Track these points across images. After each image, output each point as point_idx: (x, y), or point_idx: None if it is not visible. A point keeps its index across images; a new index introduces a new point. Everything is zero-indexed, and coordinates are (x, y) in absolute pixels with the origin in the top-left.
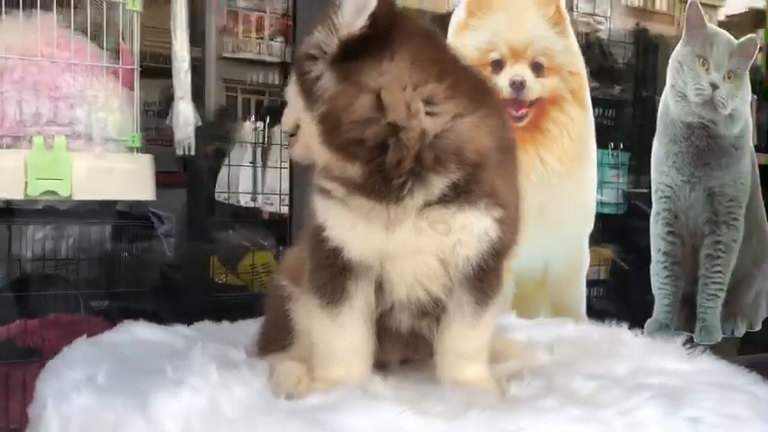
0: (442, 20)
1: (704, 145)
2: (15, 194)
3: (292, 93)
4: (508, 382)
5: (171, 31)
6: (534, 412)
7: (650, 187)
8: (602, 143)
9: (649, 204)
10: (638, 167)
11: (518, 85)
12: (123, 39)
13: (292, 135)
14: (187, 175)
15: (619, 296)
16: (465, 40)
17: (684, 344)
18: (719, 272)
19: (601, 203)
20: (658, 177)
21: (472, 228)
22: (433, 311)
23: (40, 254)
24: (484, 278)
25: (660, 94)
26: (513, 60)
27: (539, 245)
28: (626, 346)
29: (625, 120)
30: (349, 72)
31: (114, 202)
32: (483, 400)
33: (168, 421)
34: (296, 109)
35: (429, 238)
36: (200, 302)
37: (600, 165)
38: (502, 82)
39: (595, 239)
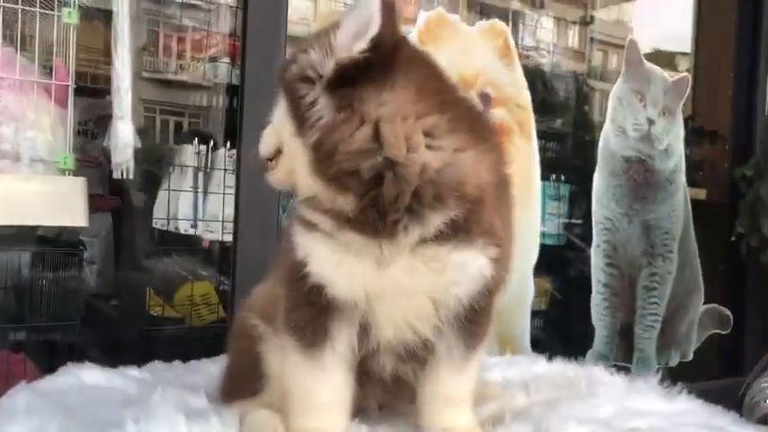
0: None
1: (642, 179)
2: None
3: (278, 115)
4: (493, 427)
5: (111, 48)
6: None
7: (587, 219)
8: (544, 175)
9: (586, 236)
10: (578, 199)
11: None
12: (56, 54)
13: (270, 159)
14: (115, 198)
15: (559, 327)
16: None
17: (660, 382)
18: (655, 303)
19: (543, 234)
20: (599, 210)
21: (468, 267)
22: (420, 354)
23: None
24: (474, 318)
25: (597, 129)
26: (463, 90)
27: None
28: (604, 386)
29: (566, 152)
30: (347, 99)
31: (35, 227)
32: None
33: None
34: (280, 132)
35: (423, 278)
36: (133, 337)
37: (542, 196)
38: None
39: (537, 270)
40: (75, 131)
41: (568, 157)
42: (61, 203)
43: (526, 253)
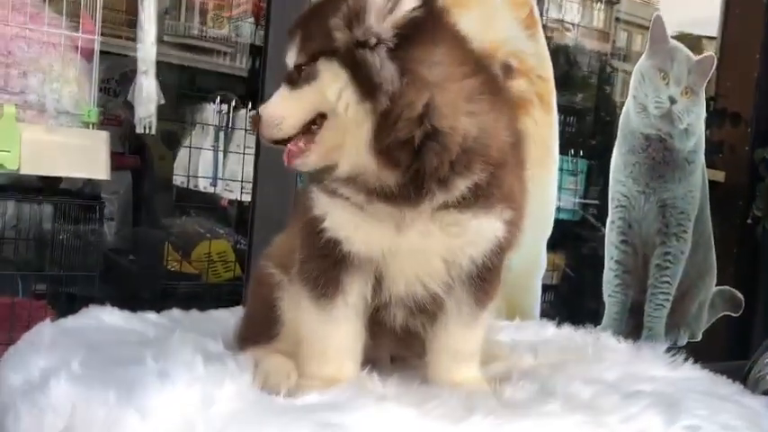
0: None
1: (660, 157)
2: None
3: (314, 86)
4: (500, 384)
5: (138, 2)
6: (538, 417)
7: (604, 197)
8: (561, 149)
9: (602, 214)
10: (595, 176)
11: None
12: (84, 6)
13: (287, 140)
14: (135, 156)
15: (570, 302)
16: None
17: (667, 351)
18: (667, 282)
19: (558, 209)
20: (615, 186)
21: (484, 231)
22: (430, 309)
23: None
24: (486, 277)
25: (618, 108)
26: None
27: None
28: (611, 352)
29: (585, 129)
30: (407, 62)
31: (58, 180)
32: (484, 403)
33: (166, 419)
34: (319, 104)
35: (438, 241)
36: (151, 291)
37: (559, 171)
38: None
39: (550, 245)
40: (98, 88)
41: (588, 133)
42: (84, 156)
43: (540, 226)
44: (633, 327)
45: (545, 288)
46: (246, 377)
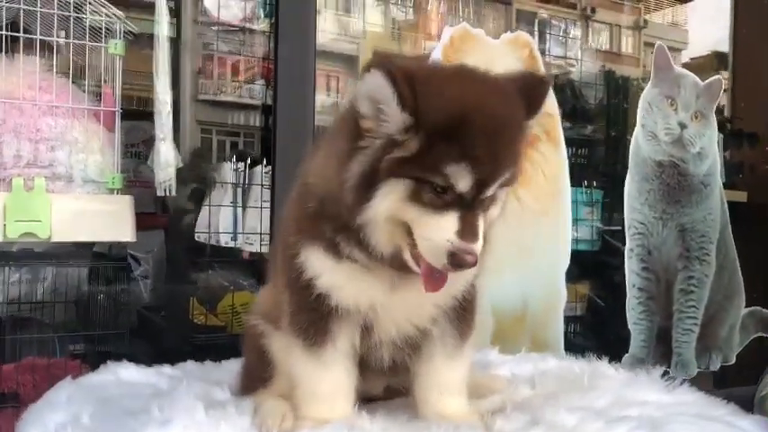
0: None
1: (675, 182)
2: None
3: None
4: (492, 416)
5: (153, 72)
6: None
7: (623, 224)
8: (575, 181)
9: (622, 241)
10: (612, 205)
11: None
12: (105, 81)
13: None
14: (167, 216)
15: (596, 332)
16: None
17: (663, 376)
18: (693, 306)
19: (576, 240)
20: (631, 214)
21: (467, 275)
22: (417, 342)
23: (14, 296)
24: (465, 308)
25: (630, 133)
26: None
27: (517, 281)
28: (606, 380)
29: (598, 158)
30: None
31: (91, 244)
32: None
33: None
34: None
35: (430, 294)
36: (180, 344)
37: (574, 203)
38: None
39: (571, 276)
40: (125, 153)
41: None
42: (111, 221)
43: (556, 259)
44: (662, 354)
45: (570, 319)
46: (245, 420)
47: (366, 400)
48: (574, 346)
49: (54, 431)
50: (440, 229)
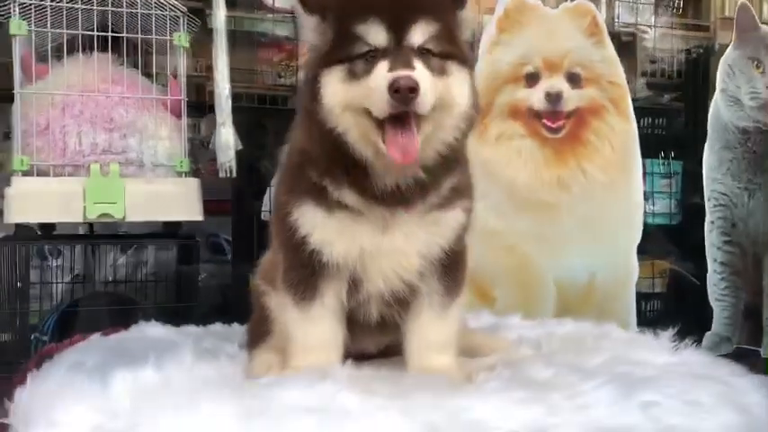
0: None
1: (762, 150)
2: (75, 217)
3: (451, 82)
4: (478, 373)
5: (213, 62)
6: (481, 394)
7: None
8: (652, 152)
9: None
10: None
11: (554, 97)
12: (172, 73)
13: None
14: (231, 199)
15: (676, 308)
16: (497, 56)
17: (672, 338)
18: None
19: (652, 214)
20: (712, 185)
21: (452, 222)
22: (405, 298)
23: (119, 276)
24: (452, 263)
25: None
26: (548, 73)
27: (583, 255)
28: (611, 341)
29: (676, 128)
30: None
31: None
32: (434, 383)
33: (121, 392)
34: (441, 97)
35: (418, 239)
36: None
37: (650, 174)
38: (537, 94)
39: (648, 251)
40: (200, 144)
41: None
42: (179, 201)
43: (625, 232)
44: (750, 331)
45: (648, 296)
46: (228, 368)
47: (362, 357)
48: (650, 323)
49: (62, 371)
50: (376, 75)
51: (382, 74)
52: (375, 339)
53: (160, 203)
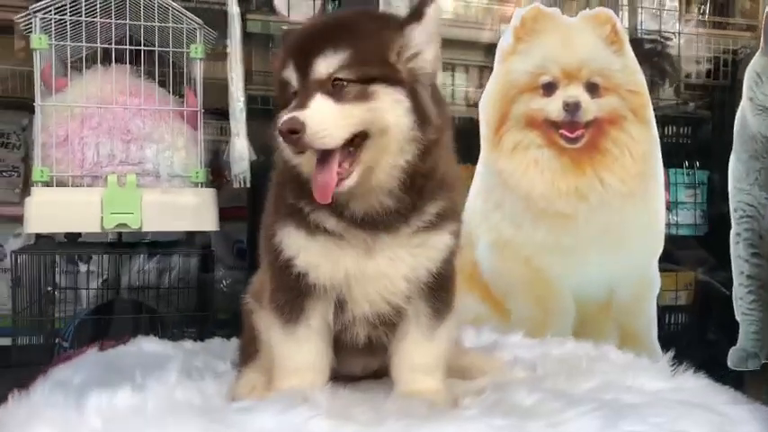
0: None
1: None
2: (93, 227)
3: (378, 107)
4: (465, 397)
5: (227, 74)
6: (457, 421)
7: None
8: (676, 162)
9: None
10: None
11: (572, 107)
12: (189, 84)
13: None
14: (246, 207)
15: (702, 322)
16: (513, 65)
17: (671, 363)
18: None
19: (676, 225)
20: (738, 195)
21: (439, 245)
22: (392, 320)
23: (138, 283)
24: (441, 286)
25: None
26: (566, 82)
27: (602, 268)
28: (606, 363)
29: (702, 136)
30: (438, 105)
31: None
32: (412, 409)
33: (92, 416)
34: (371, 123)
35: (403, 263)
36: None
37: (674, 185)
38: (554, 104)
39: (672, 262)
40: (213, 152)
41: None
42: (195, 212)
43: (646, 244)
44: None
45: (670, 310)
46: (212, 389)
47: (349, 379)
48: (673, 336)
49: (46, 389)
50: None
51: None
52: (362, 361)
53: (176, 214)
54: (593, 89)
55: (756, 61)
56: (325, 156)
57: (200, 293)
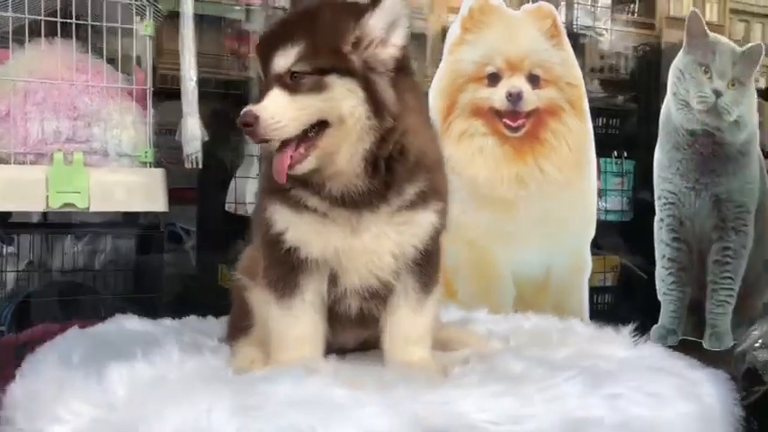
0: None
1: (709, 152)
2: (37, 206)
3: (332, 97)
4: (453, 366)
5: (179, 51)
6: (459, 387)
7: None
8: (605, 152)
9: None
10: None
11: (515, 97)
12: (137, 62)
13: (284, 144)
14: (197, 188)
15: (626, 302)
16: (461, 55)
17: (632, 333)
18: (729, 278)
19: (605, 211)
20: (661, 184)
21: (424, 223)
22: (382, 294)
23: (72, 265)
24: (427, 262)
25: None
26: (509, 73)
27: (540, 250)
28: (575, 335)
29: (629, 128)
30: (400, 91)
31: (136, 217)
32: (414, 376)
33: (118, 386)
34: (327, 111)
35: (389, 239)
36: (209, 307)
37: (603, 173)
38: (498, 94)
39: (600, 246)
40: (168, 131)
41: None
42: (144, 192)
43: (580, 229)
44: (695, 325)
45: (600, 290)
46: (214, 361)
47: (342, 351)
48: (601, 315)
49: (39, 365)
50: None
51: None
52: (355, 333)
53: (125, 194)
54: (534, 81)
55: (679, 59)
56: (284, 142)
57: (148, 275)
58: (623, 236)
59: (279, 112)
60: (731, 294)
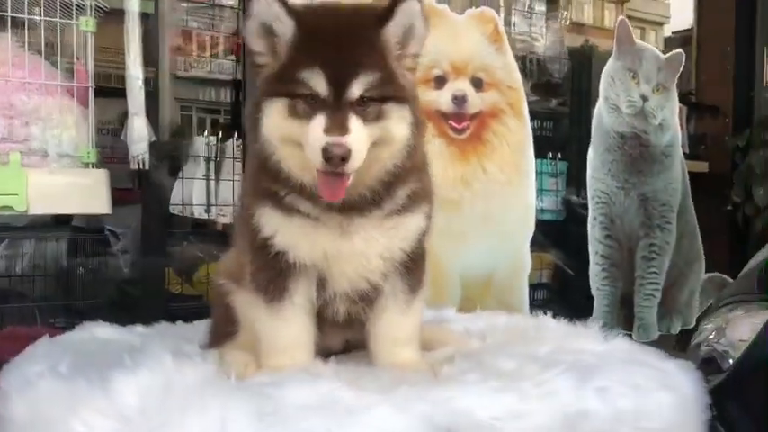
0: None
1: (637, 153)
2: None
3: (389, 124)
4: (441, 365)
5: (125, 48)
6: (460, 385)
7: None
8: (541, 153)
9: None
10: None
11: (460, 100)
12: (78, 58)
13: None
14: (141, 190)
15: (561, 298)
16: None
17: (601, 329)
18: (655, 272)
19: (541, 210)
20: (594, 184)
21: (412, 226)
22: (370, 296)
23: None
24: (414, 264)
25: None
26: (454, 76)
27: (483, 249)
28: (549, 331)
29: (563, 131)
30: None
31: (68, 219)
32: (413, 377)
33: (128, 396)
34: (380, 139)
35: (378, 243)
36: (157, 312)
37: (539, 173)
38: (444, 96)
39: (537, 245)
40: (99, 130)
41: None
42: (86, 194)
43: (520, 227)
44: (625, 318)
45: (536, 286)
46: (209, 367)
47: (327, 354)
48: (539, 311)
49: (32, 380)
50: (312, 132)
51: (318, 134)
52: (341, 336)
53: (65, 196)
54: (477, 84)
55: (610, 65)
56: None
57: (82, 280)
58: (557, 234)
59: (363, 145)
60: (657, 288)
